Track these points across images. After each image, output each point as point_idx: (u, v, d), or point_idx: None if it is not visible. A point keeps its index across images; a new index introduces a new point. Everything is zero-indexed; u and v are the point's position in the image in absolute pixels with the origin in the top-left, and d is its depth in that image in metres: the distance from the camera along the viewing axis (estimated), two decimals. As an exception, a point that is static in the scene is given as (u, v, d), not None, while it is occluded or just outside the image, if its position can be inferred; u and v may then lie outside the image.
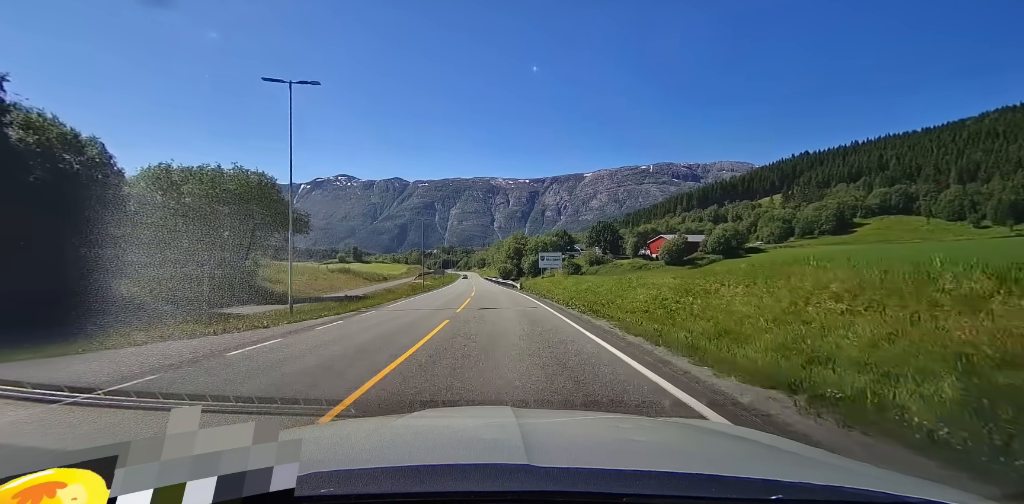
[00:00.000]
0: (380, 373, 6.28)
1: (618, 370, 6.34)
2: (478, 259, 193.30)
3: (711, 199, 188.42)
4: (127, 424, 4.44)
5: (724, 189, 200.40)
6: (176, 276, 22.29)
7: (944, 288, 6.54)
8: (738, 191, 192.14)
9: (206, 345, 9.47)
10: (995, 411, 3.16)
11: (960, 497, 1.04)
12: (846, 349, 5.57)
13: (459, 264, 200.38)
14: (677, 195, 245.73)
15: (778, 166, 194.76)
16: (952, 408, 3.49)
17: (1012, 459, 2.70)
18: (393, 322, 14.02)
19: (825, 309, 7.48)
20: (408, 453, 1.40)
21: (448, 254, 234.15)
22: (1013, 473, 2.58)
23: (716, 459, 1.46)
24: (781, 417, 4.11)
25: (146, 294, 19.37)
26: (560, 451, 1.42)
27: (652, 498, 0.91)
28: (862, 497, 0.97)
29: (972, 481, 2.65)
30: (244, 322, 13.93)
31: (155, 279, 21.04)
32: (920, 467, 2.91)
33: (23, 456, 0.71)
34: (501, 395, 5.09)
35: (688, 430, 2.09)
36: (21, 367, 7.26)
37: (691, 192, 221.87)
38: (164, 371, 6.77)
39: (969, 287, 6.33)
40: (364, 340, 9.93)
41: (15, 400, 4.98)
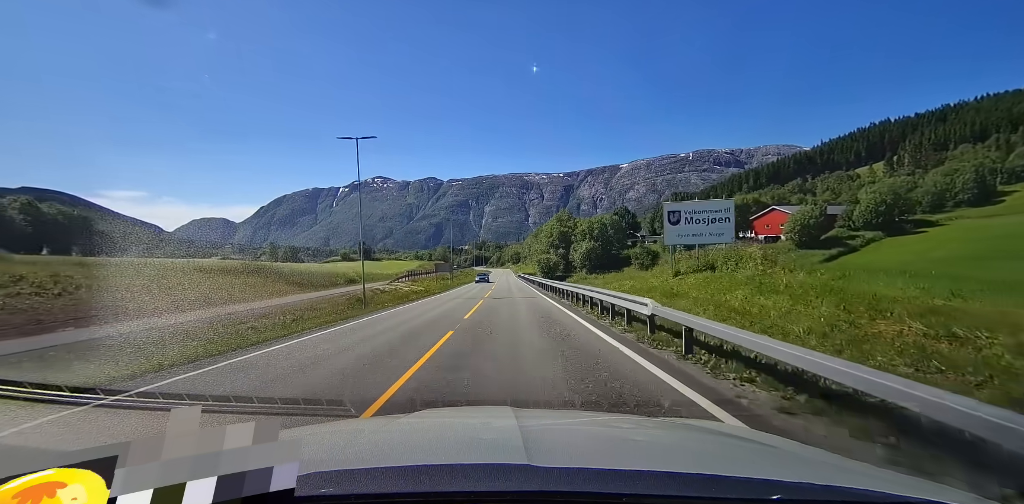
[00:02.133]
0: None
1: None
2: (512, 253, 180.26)
3: (783, 176, 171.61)
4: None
5: (798, 163, 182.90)
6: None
7: None
8: (816, 164, 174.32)
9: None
10: None
11: (960, 497, 1.06)
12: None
13: (491, 260, 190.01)
14: (741, 173, 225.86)
15: (863, 134, 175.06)
16: None
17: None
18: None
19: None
20: (408, 453, 1.42)
21: (480, 249, 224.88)
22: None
23: (716, 459, 1.48)
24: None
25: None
26: (560, 451, 1.45)
27: (652, 498, 0.92)
28: (862, 497, 0.99)
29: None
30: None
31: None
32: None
33: (23, 456, 0.73)
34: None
35: (688, 430, 2.10)
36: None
37: (758, 169, 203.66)
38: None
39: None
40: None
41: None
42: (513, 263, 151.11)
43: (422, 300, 26.80)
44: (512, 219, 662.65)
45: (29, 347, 10.54)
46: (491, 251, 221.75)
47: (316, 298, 27.35)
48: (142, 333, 11.48)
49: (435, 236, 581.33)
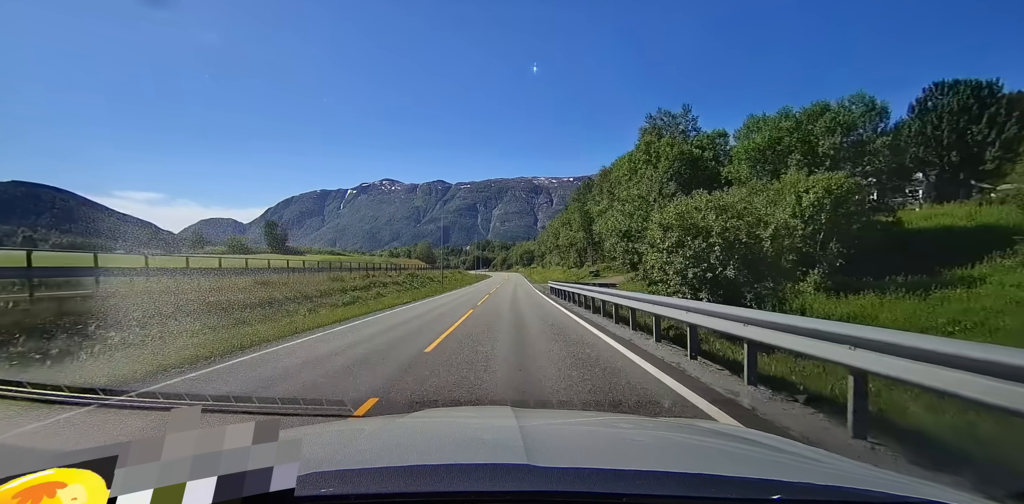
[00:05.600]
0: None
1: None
2: (521, 253, 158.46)
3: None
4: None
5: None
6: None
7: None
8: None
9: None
10: None
11: (960, 497, 1.05)
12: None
13: (494, 262, 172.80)
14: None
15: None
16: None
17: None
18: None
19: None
20: (408, 453, 1.42)
21: (484, 250, 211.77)
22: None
23: (716, 459, 1.48)
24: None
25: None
26: (560, 451, 1.45)
27: (652, 498, 0.92)
28: (862, 497, 0.99)
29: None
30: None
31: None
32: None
33: (23, 456, 0.74)
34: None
35: (688, 430, 2.11)
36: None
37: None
38: None
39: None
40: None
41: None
42: (524, 265, 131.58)
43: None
44: (520, 223, 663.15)
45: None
46: (496, 251, 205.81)
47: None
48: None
49: (443, 239, 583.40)
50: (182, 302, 12.86)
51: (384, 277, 35.24)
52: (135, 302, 11.55)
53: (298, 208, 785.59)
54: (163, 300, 12.41)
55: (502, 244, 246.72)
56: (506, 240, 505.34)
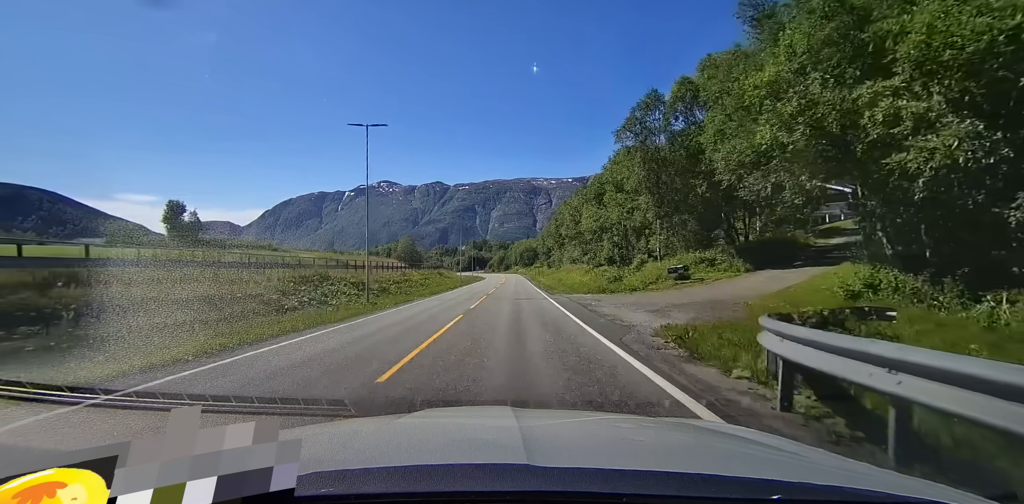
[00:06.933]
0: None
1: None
2: (521, 251, 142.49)
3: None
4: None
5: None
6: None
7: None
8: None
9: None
10: None
11: (960, 497, 1.06)
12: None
13: (491, 262, 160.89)
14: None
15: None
16: None
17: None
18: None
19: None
20: (408, 453, 1.42)
21: (480, 250, 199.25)
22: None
23: (716, 459, 1.48)
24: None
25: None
26: (560, 451, 1.45)
27: (652, 498, 0.92)
28: (862, 497, 0.99)
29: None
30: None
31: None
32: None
33: (23, 456, 0.74)
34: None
35: (688, 430, 2.12)
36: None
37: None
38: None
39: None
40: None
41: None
42: (525, 266, 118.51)
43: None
44: (519, 224, 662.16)
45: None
46: (493, 251, 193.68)
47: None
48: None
49: (440, 241, 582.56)
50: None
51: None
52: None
53: (296, 209, 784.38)
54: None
55: (500, 243, 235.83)
56: (505, 241, 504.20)
